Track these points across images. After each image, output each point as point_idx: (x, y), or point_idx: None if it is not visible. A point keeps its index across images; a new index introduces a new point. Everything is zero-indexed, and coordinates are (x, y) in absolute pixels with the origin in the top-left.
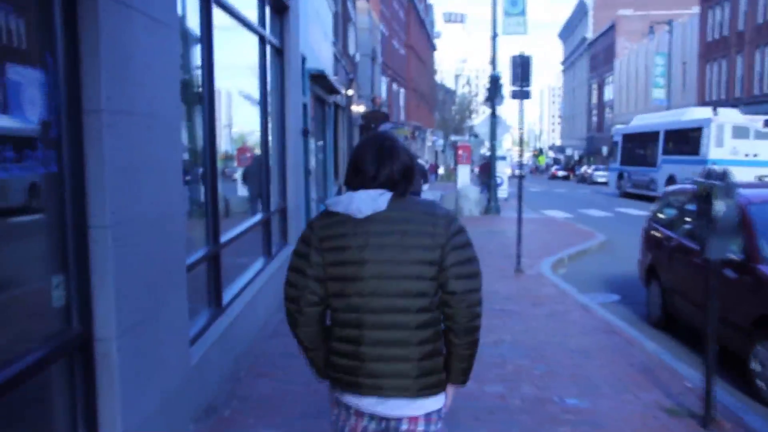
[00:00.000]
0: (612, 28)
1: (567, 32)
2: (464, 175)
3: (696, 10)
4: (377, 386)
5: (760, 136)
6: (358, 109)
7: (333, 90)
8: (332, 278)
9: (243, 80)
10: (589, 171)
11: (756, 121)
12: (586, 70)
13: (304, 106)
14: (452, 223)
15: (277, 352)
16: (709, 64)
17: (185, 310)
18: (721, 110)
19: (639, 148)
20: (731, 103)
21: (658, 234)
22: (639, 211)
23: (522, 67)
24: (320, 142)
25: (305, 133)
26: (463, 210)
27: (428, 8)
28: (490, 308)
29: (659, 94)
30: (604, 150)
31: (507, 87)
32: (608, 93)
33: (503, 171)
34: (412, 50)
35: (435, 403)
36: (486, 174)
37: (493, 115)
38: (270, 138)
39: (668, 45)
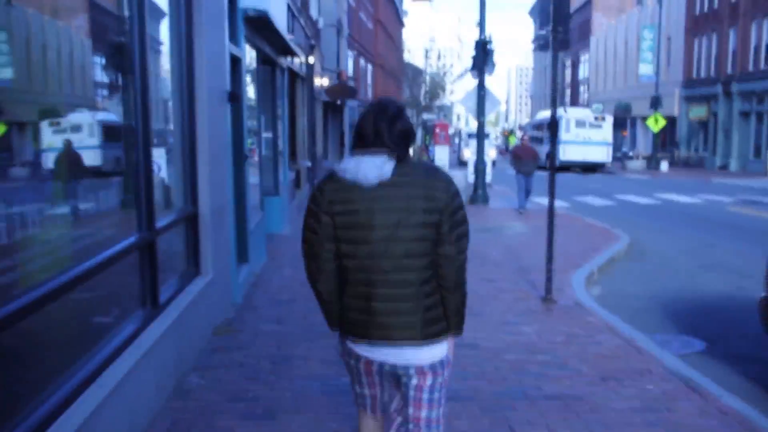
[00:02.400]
0: (588, 3)
1: (538, 9)
2: (443, 156)
3: None
4: (387, 337)
5: (593, 126)
6: (321, 81)
7: (287, 49)
8: (342, 240)
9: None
10: None
11: (591, 116)
12: None
13: (235, 61)
14: (450, 188)
15: None
16: (697, 39)
17: None
18: (570, 109)
19: (538, 133)
20: (723, 81)
21: None
22: (642, 199)
23: (557, 6)
24: (277, 117)
25: (234, 98)
26: None
27: None
28: (537, 393)
29: (647, 69)
30: None
31: (499, 51)
32: (583, 71)
33: (487, 152)
34: (381, 25)
35: (439, 351)
36: (527, 160)
37: (481, 87)
38: (156, 104)
39: (658, 17)
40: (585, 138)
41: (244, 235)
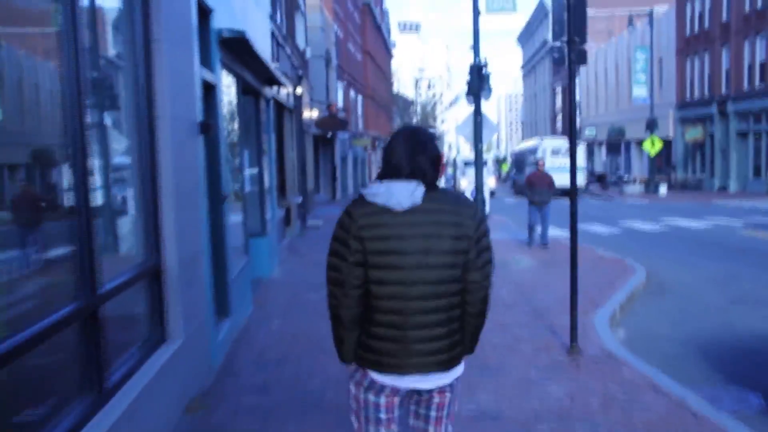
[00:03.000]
0: None
1: (526, 36)
2: None
3: (659, 8)
4: (420, 364)
5: (567, 154)
6: (311, 113)
7: (270, 78)
8: (373, 266)
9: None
10: None
11: (565, 145)
12: (548, 74)
13: (208, 87)
14: (476, 215)
15: None
16: (689, 60)
17: None
18: (545, 138)
19: (520, 162)
20: (718, 101)
21: None
22: (648, 225)
23: (572, 11)
24: (265, 152)
25: (206, 129)
26: None
27: (384, 14)
28: None
29: (640, 91)
30: None
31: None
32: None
33: (486, 181)
34: (369, 56)
35: (458, 371)
36: (541, 189)
37: (478, 113)
38: (105, 135)
39: (649, 40)
40: (561, 165)
41: (224, 285)
